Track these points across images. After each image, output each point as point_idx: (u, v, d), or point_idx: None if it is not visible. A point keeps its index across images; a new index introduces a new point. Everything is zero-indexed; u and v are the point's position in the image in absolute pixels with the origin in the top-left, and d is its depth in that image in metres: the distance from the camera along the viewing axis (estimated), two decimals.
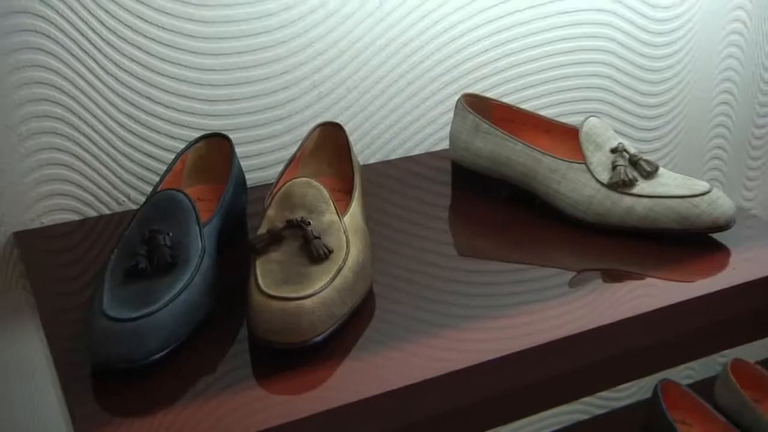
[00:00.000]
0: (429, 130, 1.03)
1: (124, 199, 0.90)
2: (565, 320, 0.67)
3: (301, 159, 0.84)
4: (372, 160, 1.01)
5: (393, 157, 1.02)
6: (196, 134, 0.90)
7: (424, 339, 0.65)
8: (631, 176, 0.78)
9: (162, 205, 0.69)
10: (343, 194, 0.81)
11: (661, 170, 0.80)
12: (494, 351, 0.63)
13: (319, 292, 0.63)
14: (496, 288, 0.73)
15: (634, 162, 0.80)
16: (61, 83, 0.84)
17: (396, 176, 0.96)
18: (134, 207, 0.90)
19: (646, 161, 0.80)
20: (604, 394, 1.30)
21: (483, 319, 0.67)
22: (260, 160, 0.95)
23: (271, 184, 0.91)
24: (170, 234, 0.66)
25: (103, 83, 0.86)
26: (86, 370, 0.62)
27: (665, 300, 0.69)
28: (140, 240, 0.66)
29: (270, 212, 0.70)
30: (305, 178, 0.71)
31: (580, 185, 0.80)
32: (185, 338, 0.63)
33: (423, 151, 1.03)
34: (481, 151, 0.87)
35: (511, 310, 0.69)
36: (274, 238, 0.67)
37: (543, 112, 1.07)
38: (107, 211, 0.89)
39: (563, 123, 0.88)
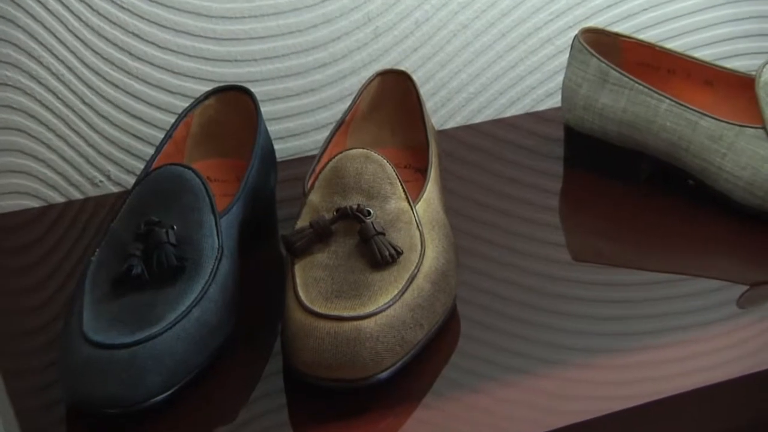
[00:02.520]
0: (531, 81, 1.05)
1: (102, 179, 0.94)
2: (731, 355, 0.69)
3: (353, 122, 0.87)
4: (450, 125, 1.03)
5: (479, 119, 1.04)
6: (205, 87, 0.92)
7: (524, 380, 0.67)
8: None
9: (162, 187, 0.72)
10: (413, 172, 0.84)
11: None
12: (624, 399, 0.65)
13: (385, 310, 0.65)
14: (629, 309, 0.74)
15: None
16: (12, 13, 0.87)
17: (484, 147, 0.98)
18: (115, 190, 0.94)
19: None
20: None
21: (609, 353, 0.69)
22: (295, 123, 0.98)
23: (312, 157, 0.93)
24: (174, 227, 0.70)
25: (72, 13, 0.89)
26: (57, 416, 0.65)
27: None
28: (133, 235, 0.69)
29: (313, 197, 0.73)
30: (361, 149, 0.74)
31: (756, 160, 0.82)
32: (198, 372, 0.66)
33: (522, 112, 1.05)
34: (609, 110, 0.89)
35: (650, 340, 0.70)
36: (320, 234, 0.70)
37: (699, 54, 1.08)
38: (78, 196, 0.93)
39: (730, 69, 0.89)
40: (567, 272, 0.79)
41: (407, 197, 0.73)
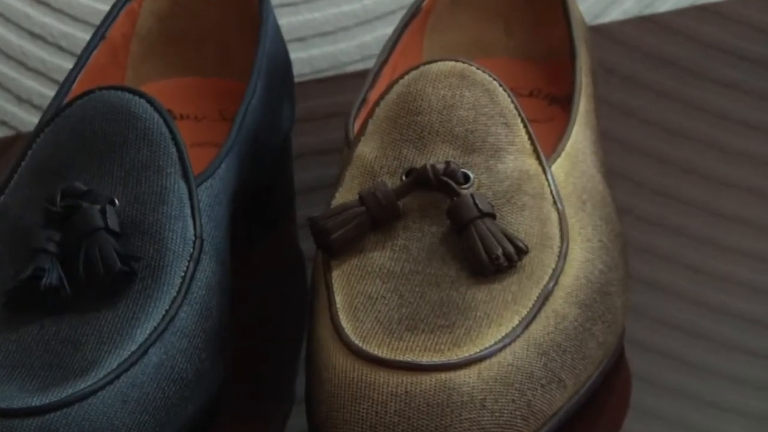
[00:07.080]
0: None
1: None
2: None
3: (435, 13, 0.89)
4: (611, 16, 1.06)
5: (665, 6, 1.07)
6: None
7: None
8: None
9: (91, 130, 0.75)
10: (545, 103, 0.86)
11: None
12: None
13: (497, 354, 0.68)
14: None
15: None
16: None
17: (673, 56, 1.00)
18: (7, 132, 0.98)
19: None
20: None
21: None
22: (325, 12, 1.01)
23: (358, 75, 0.95)
24: (116, 202, 0.73)
25: None
26: None
27: None
28: (42, 217, 0.72)
29: (364, 149, 0.76)
30: (452, 62, 0.76)
31: None
32: None
33: None
34: None
35: None
36: (378, 216, 0.72)
37: None
38: None
39: None
40: None
41: (536, 150, 0.76)
